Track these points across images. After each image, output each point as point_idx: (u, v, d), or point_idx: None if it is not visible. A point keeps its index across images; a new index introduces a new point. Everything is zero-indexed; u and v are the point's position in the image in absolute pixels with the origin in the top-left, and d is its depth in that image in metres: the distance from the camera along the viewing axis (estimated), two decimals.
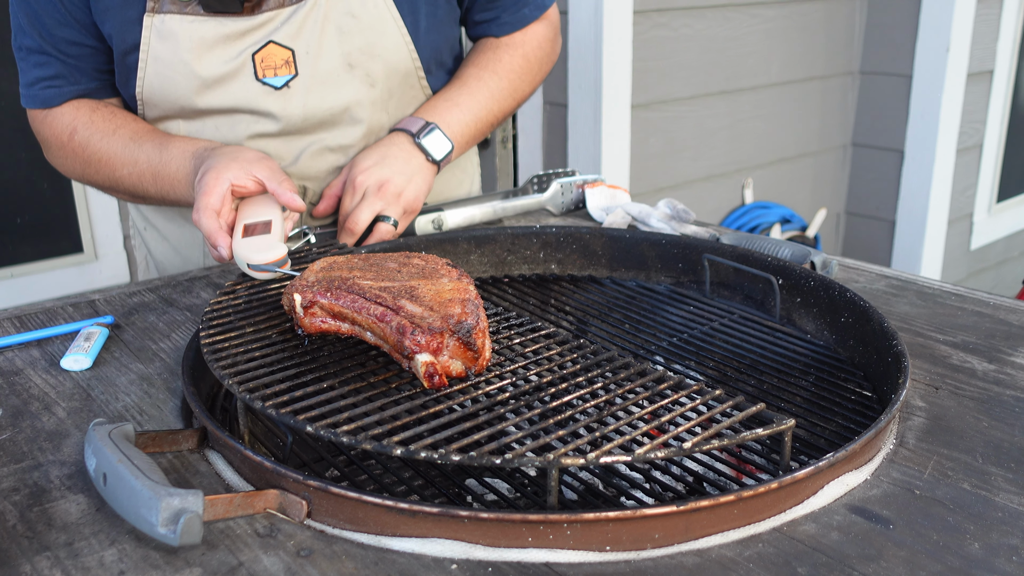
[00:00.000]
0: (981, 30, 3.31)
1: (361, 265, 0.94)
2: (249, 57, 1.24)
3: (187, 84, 1.25)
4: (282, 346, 0.87)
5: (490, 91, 1.39)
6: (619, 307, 1.18)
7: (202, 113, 1.28)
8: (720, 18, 2.84)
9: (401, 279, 0.90)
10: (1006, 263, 3.96)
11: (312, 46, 1.26)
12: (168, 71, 1.24)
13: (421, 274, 0.92)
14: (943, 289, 1.18)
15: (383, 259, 0.96)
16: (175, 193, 1.24)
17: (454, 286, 0.89)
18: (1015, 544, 0.67)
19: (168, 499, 0.64)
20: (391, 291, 0.86)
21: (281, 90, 1.26)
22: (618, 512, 0.66)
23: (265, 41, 1.24)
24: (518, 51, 1.43)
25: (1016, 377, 0.93)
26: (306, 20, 1.25)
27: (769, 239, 1.23)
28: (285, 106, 1.28)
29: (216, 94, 1.26)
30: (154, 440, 0.79)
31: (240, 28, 1.23)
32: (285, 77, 1.26)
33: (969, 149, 3.50)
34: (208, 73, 1.24)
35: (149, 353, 1.01)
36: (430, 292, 0.86)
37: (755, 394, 0.97)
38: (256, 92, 1.26)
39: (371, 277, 0.90)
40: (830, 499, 0.73)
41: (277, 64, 1.25)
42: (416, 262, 0.96)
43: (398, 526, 0.68)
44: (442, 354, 0.79)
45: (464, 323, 0.80)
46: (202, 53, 1.23)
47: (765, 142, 3.16)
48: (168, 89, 1.25)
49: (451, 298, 0.86)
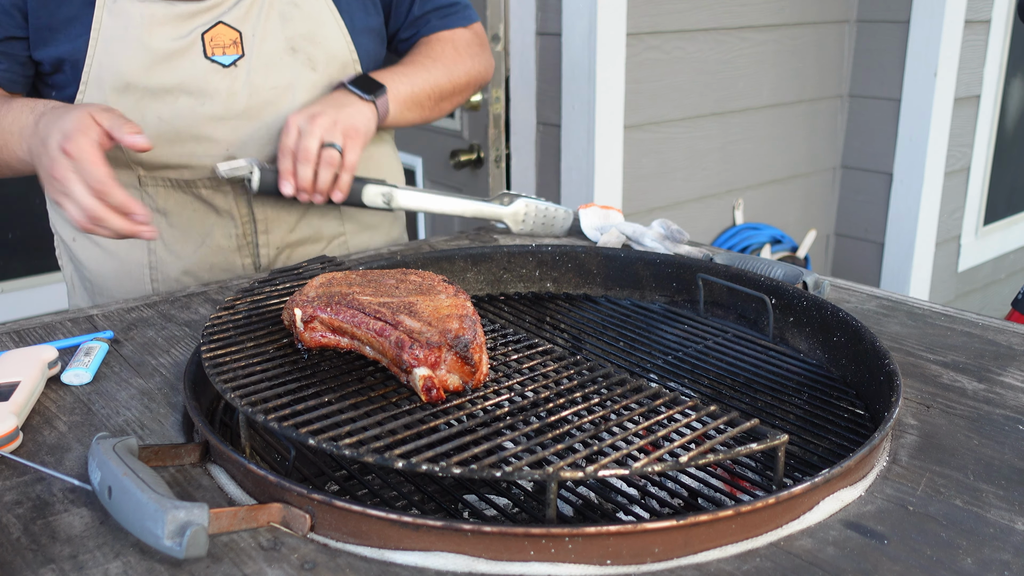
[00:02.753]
0: (968, 55, 3.36)
1: (360, 281, 0.95)
2: (199, 36, 1.31)
3: (137, 58, 1.28)
4: (282, 360, 0.87)
5: (424, 68, 1.47)
6: (614, 325, 1.20)
7: (149, 93, 1.30)
8: (712, 41, 2.88)
9: (400, 295, 0.91)
10: (993, 285, 4.00)
11: (258, 29, 1.34)
12: (119, 46, 1.28)
13: (419, 290, 0.93)
14: (933, 310, 1.20)
15: (381, 275, 0.97)
16: (8, 152, 1.21)
17: (452, 302, 0.90)
18: (1006, 559, 0.68)
19: (174, 512, 0.65)
20: (390, 306, 0.87)
21: (228, 68, 1.32)
22: (619, 526, 0.67)
23: (215, 21, 1.31)
24: (448, 43, 1.51)
25: (1005, 396, 0.95)
26: (252, 5, 1.34)
27: (762, 259, 1.25)
28: (231, 84, 1.33)
29: (165, 71, 1.30)
30: (157, 454, 0.80)
31: (191, 9, 1.30)
32: (233, 56, 1.32)
33: (956, 172, 3.54)
34: (159, 46, 1.29)
35: (149, 368, 1.02)
36: (428, 308, 0.88)
37: (749, 411, 0.99)
38: (205, 69, 1.32)
39: (370, 293, 0.91)
40: (826, 515, 0.74)
41: (226, 43, 1.32)
42: (413, 279, 0.97)
43: (401, 540, 0.68)
44: (440, 368, 0.80)
45: (462, 338, 0.82)
46: (153, 28, 1.28)
47: (756, 163, 3.19)
48: (118, 63, 1.28)
49: (449, 314, 0.87)
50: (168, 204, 1.39)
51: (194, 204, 1.40)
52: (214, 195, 1.39)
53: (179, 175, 1.37)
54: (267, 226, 1.44)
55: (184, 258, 1.42)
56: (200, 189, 1.38)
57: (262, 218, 1.43)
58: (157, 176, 1.37)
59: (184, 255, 1.42)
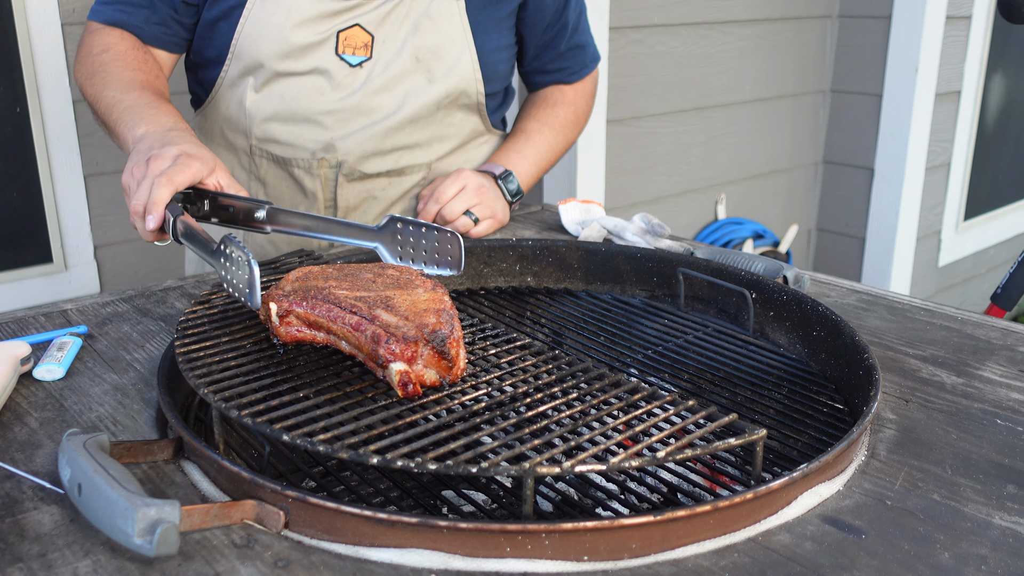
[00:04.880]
0: (949, 51, 3.37)
1: (337, 275, 0.94)
2: (335, 33, 1.39)
3: (275, 47, 1.38)
4: (257, 356, 0.86)
5: (548, 143, 1.62)
6: (594, 320, 1.19)
7: (279, 73, 1.40)
8: (695, 36, 2.88)
9: (376, 289, 0.90)
10: (973, 280, 4.03)
11: (390, 36, 1.42)
12: (262, 31, 1.38)
13: (396, 284, 0.92)
14: (912, 304, 1.20)
15: (358, 269, 0.96)
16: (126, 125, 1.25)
17: (429, 296, 0.89)
18: (983, 554, 0.68)
19: (144, 509, 0.64)
20: (367, 300, 0.86)
21: (354, 68, 1.41)
22: (596, 522, 0.66)
23: (352, 22, 1.40)
24: (570, 108, 1.65)
25: (984, 390, 0.95)
26: (391, 13, 1.41)
27: (743, 254, 1.25)
28: (352, 82, 1.42)
29: (297, 60, 1.40)
30: (129, 450, 0.79)
31: (335, 8, 1.38)
32: (361, 58, 1.41)
33: (937, 168, 3.56)
34: (298, 40, 1.38)
35: (123, 363, 1.00)
36: (405, 302, 0.87)
37: (729, 406, 0.98)
38: (333, 64, 1.41)
39: (347, 287, 0.90)
40: (804, 509, 0.74)
41: (357, 45, 1.41)
42: (391, 272, 0.96)
43: (376, 536, 0.67)
44: (416, 363, 0.80)
45: (439, 332, 0.81)
46: (297, 23, 1.37)
47: (738, 158, 3.19)
48: (257, 47, 1.39)
49: (426, 308, 0.86)
50: (267, 175, 1.51)
51: (287, 180, 1.51)
52: (305, 176, 1.49)
53: (282, 151, 1.47)
54: (346, 214, 1.53)
55: None
56: (295, 168, 1.49)
57: (343, 206, 1.52)
58: (264, 148, 1.48)
59: None
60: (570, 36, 1.60)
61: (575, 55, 1.63)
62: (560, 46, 1.60)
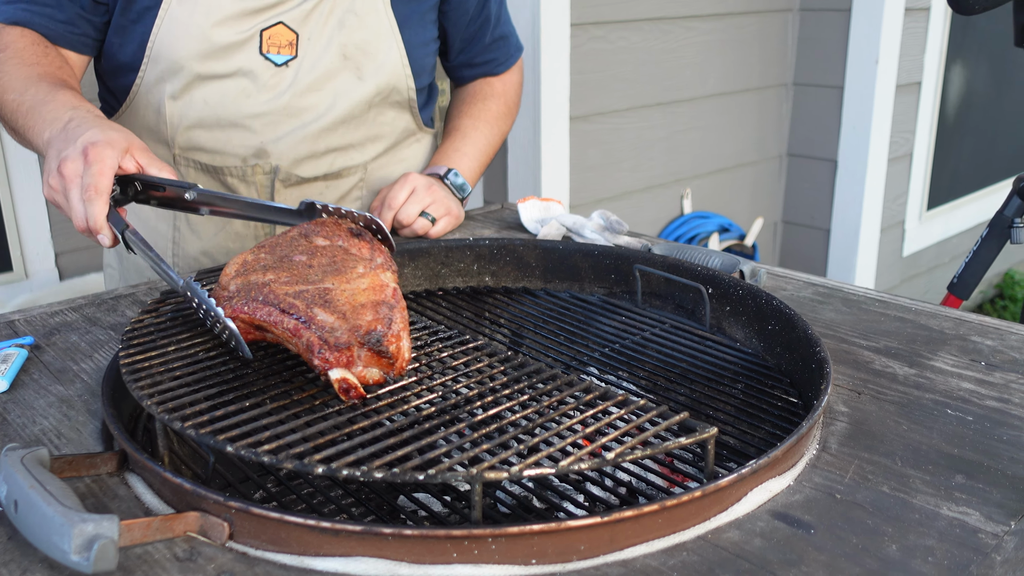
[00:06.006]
0: (909, 43, 3.41)
1: (273, 263, 0.91)
2: (258, 32, 1.35)
3: (195, 47, 1.32)
4: (205, 365, 0.85)
5: (485, 138, 1.61)
6: (553, 318, 1.19)
7: (200, 77, 1.35)
8: (656, 31, 2.88)
9: (315, 278, 0.87)
10: (937, 269, 4.07)
11: (314, 33, 1.37)
12: (180, 32, 1.32)
13: (334, 267, 0.89)
14: (867, 296, 1.21)
15: (289, 248, 0.93)
16: (33, 132, 1.20)
17: (369, 283, 0.87)
18: (931, 545, 0.68)
19: (81, 525, 0.63)
20: (305, 297, 0.84)
21: (280, 68, 1.37)
22: (542, 525, 0.66)
23: (275, 20, 1.35)
24: (500, 100, 1.64)
25: (935, 381, 0.96)
26: (315, 9, 1.37)
27: (700, 249, 1.25)
28: (279, 83, 1.37)
29: (220, 61, 1.34)
30: (71, 464, 0.77)
31: (257, 5, 1.34)
32: (286, 56, 1.37)
33: (900, 159, 3.59)
34: (219, 40, 1.33)
35: (70, 374, 0.98)
36: (345, 294, 0.84)
37: (686, 403, 0.98)
38: (257, 65, 1.36)
39: (286, 279, 0.87)
40: (754, 505, 0.73)
41: (281, 44, 1.36)
42: (320, 244, 0.93)
43: (321, 545, 0.67)
44: (355, 366, 0.79)
45: (373, 333, 0.79)
46: (217, 21, 1.32)
47: (703, 153, 3.21)
48: (176, 48, 1.32)
49: (364, 302, 0.84)
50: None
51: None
52: (239, 184, 1.44)
53: (211, 160, 1.42)
54: None
55: (204, 239, 1.48)
56: (227, 176, 1.43)
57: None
58: (190, 157, 1.42)
59: (205, 236, 1.48)
60: (493, 28, 1.60)
61: (500, 46, 1.63)
62: (485, 38, 1.60)
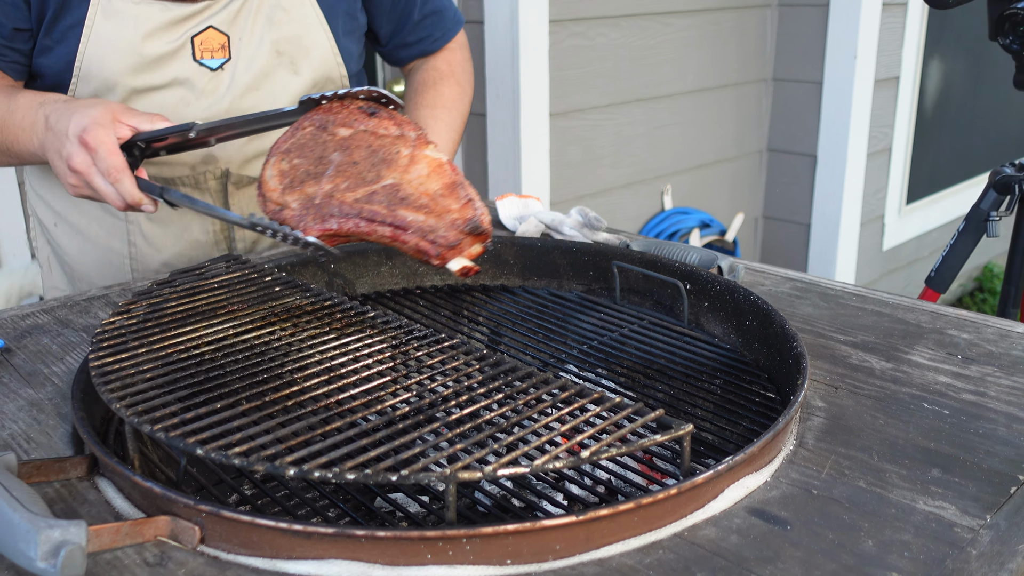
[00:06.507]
0: (887, 37, 3.42)
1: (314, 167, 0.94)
2: (189, 39, 1.32)
3: (127, 61, 1.29)
4: (177, 366, 0.84)
5: (447, 124, 1.55)
6: (531, 316, 1.18)
7: (136, 91, 1.32)
8: (635, 27, 2.88)
9: (371, 176, 0.91)
10: (917, 262, 4.10)
11: (245, 33, 1.36)
12: (109, 48, 1.29)
13: (378, 158, 0.93)
14: (845, 290, 1.21)
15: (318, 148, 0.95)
16: (17, 145, 1.21)
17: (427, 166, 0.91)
18: (907, 540, 0.68)
19: (48, 531, 0.62)
20: (378, 199, 0.89)
21: (216, 72, 1.35)
22: (517, 525, 0.65)
23: (205, 25, 1.33)
24: (451, 81, 1.58)
25: (912, 375, 0.96)
26: (241, 9, 1.35)
27: (678, 245, 1.25)
28: (217, 87, 1.35)
29: (153, 73, 1.32)
30: (39, 469, 0.76)
31: (184, 13, 1.31)
32: (220, 60, 1.35)
33: (879, 153, 3.61)
34: (151, 52, 1.30)
35: (40, 377, 0.97)
36: (416, 188, 0.90)
37: (664, 400, 0.98)
38: (193, 72, 1.33)
39: (345, 185, 0.91)
40: (731, 502, 0.73)
41: (214, 47, 1.34)
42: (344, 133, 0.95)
43: (294, 549, 0.66)
44: (464, 251, 0.87)
45: (471, 221, 0.87)
46: (147, 33, 1.29)
47: (683, 149, 3.21)
48: (106, 64, 1.29)
49: (439, 189, 0.89)
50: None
51: None
52: (193, 192, 1.41)
53: (159, 172, 1.39)
54: None
55: (164, 250, 1.45)
56: (179, 186, 1.41)
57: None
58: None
59: (164, 248, 1.45)
60: (422, 4, 1.56)
61: (433, 22, 1.58)
62: (413, 15, 1.55)
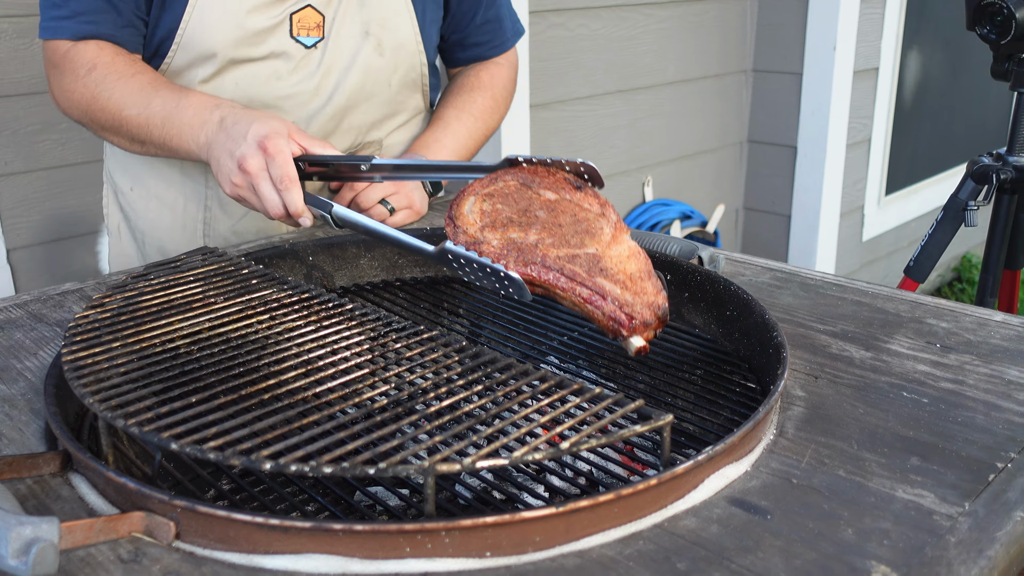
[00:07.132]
0: (866, 29, 3.43)
1: (517, 217, 0.95)
2: (288, 16, 1.38)
3: (230, 34, 1.35)
4: (151, 361, 0.83)
5: (467, 131, 1.59)
6: (512, 308, 1.17)
7: (232, 61, 1.37)
8: (616, 18, 2.88)
9: (575, 241, 0.93)
10: (896, 253, 4.12)
11: (339, 14, 1.42)
12: (213, 19, 1.34)
13: (582, 228, 0.95)
14: (824, 280, 1.21)
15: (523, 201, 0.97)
16: (179, 139, 1.28)
17: (627, 249, 0.94)
18: (886, 528, 0.68)
19: (18, 528, 0.60)
20: (580, 263, 0.91)
21: (309, 50, 1.41)
22: (496, 517, 0.64)
23: (304, 4, 1.39)
24: (487, 93, 1.63)
25: (891, 363, 0.96)
26: None
27: (658, 235, 1.24)
28: (308, 64, 1.41)
29: (252, 46, 1.37)
30: (11, 465, 0.75)
31: None
32: (315, 39, 1.41)
33: (858, 144, 3.63)
34: (252, 26, 1.35)
35: (13, 373, 0.96)
36: (615, 264, 0.92)
37: (645, 390, 0.98)
38: (288, 47, 1.39)
39: (550, 242, 0.93)
40: (711, 492, 0.73)
41: (310, 26, 1.40)
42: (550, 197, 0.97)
43: (271, 543, 0.65)
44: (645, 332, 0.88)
45: (664, 307, 0.89)
46: (250, 8, 1.35)
47: (664, 140, 3.21)
48: (208, 35, 1.34)
49: (637, 271, 0.91)
50: None
51: None
52: None
53: None
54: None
55: (234, 217, 1.49)
56: None
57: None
58: None
59: (235, 215, 1.49)
60: (486, 8, 1.58)
61: (492, 29, 1.61)
62: (477, 17, 1.58)
